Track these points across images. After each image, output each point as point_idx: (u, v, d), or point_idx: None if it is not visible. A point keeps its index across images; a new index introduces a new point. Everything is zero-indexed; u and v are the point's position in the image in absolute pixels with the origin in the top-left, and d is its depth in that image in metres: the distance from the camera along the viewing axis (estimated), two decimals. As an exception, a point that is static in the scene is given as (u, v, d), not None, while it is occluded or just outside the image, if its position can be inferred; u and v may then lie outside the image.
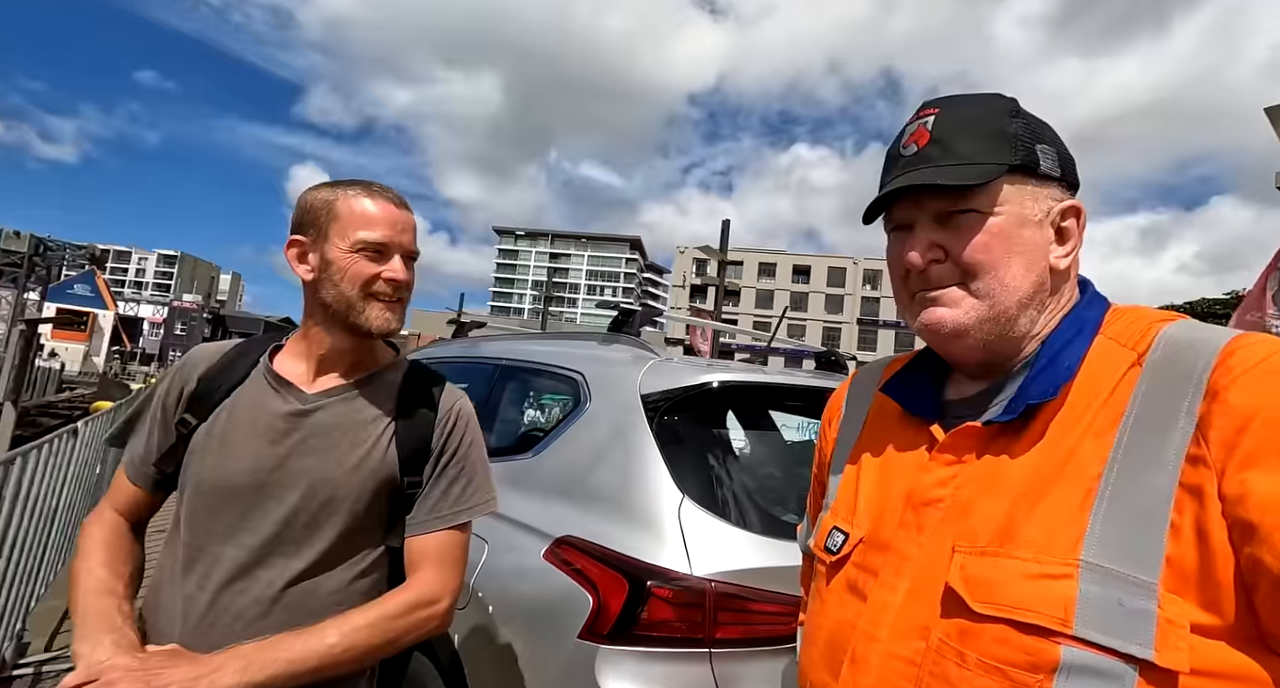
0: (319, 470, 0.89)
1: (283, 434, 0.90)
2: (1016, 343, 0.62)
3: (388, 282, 0.90)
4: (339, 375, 0.96)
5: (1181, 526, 0.47)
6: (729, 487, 1.37)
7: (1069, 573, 0.49)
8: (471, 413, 1.03)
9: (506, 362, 2.11)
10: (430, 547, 0.93)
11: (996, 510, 0.55)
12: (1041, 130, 0.62)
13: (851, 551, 0.66)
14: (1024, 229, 0.60)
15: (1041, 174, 0.61)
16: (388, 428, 0.95)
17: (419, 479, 0.95)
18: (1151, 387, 0.52)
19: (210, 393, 0.94)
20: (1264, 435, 0.45)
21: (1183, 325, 0.56)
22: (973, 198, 0.60)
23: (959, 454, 0.61)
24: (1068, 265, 0.62)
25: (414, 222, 0.95)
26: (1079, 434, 0.54)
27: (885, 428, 0.71)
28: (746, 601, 1.20)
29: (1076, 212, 0.62)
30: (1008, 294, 0.59)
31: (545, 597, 1.32)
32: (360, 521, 0.91)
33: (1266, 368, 0.48)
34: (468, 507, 0.97)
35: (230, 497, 0.88)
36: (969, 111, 0.62)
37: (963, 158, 0.60)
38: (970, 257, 0.60)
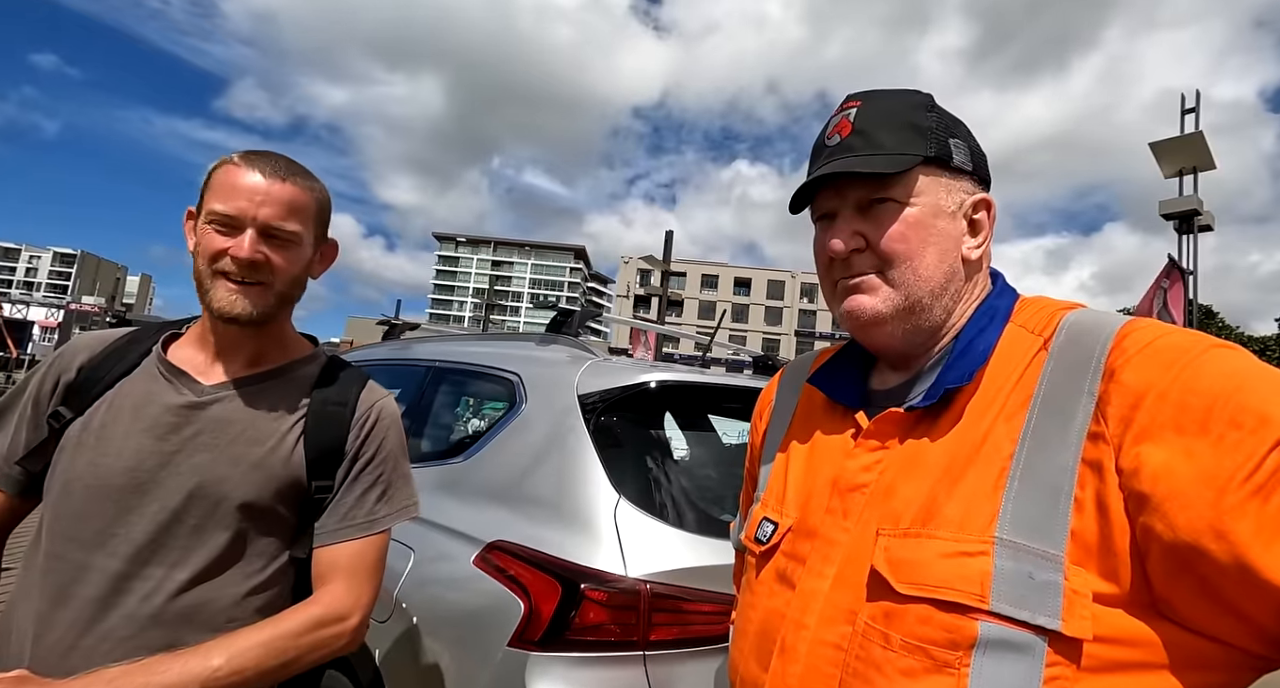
0: (211, 469, 0.80)
1: (171, 429, 0.81)
2: (933, 331, 0.64)
3: (233, 258, 0.79)
4: (243, 367, 0.88)
5: (1084, 500, 0.49)
6: (666, 487, 1.35)
7: (985, 550, 0.50)
8: (394, 413, 0.96)
9: (440, 363, 2.03)
10: (341, 557, 0.85)
11: (918, 492, 0.56)
12: (955, 126, 0.65)
13: (780, 540, 0.66)
14: (938, 220, 0.62)
15: (954, 167, 0.63)
16: (296, 426, 0.87)
17: (330, 484, 0.87)
18: (1056, 369, 0.55)
19: (91, 384, 0.83)
20: (1155, 411, 0.48)
21: (1083, 312, 0.59)
22: (891, 187, 0.62)
23: (883, 440, 0.62)
24: (979, 256, 0.65)
25: (290, 196, 0.82)
26: (993, 417, 0.56)
27: (813, 418, 0.72)
28: (681, 601, 1.18)
29: (987, 205, 0.65)
30: (921, 283, 0.62)
31: (474, 605, 1.26)
32: (258, 527, 0.83)
33: (1155, 348, 0.51)
34: (384, 515, 0.90)
35: (104, 498, 0.78)
36: (889, 104, 0.64)
37: (882, 148, 0.62)
38: (888, 245, 0.61)
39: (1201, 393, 0.47)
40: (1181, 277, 9.48)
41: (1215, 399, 0.46)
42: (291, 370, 0.91)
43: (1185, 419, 0.46)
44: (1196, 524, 0.44)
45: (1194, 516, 0.44)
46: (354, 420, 0.90)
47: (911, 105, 0.64)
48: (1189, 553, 0.44)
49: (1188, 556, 0.44)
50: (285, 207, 0.82)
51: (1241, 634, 0.45)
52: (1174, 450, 0.46)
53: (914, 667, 0.50)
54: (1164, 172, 10.25)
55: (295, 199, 0.83)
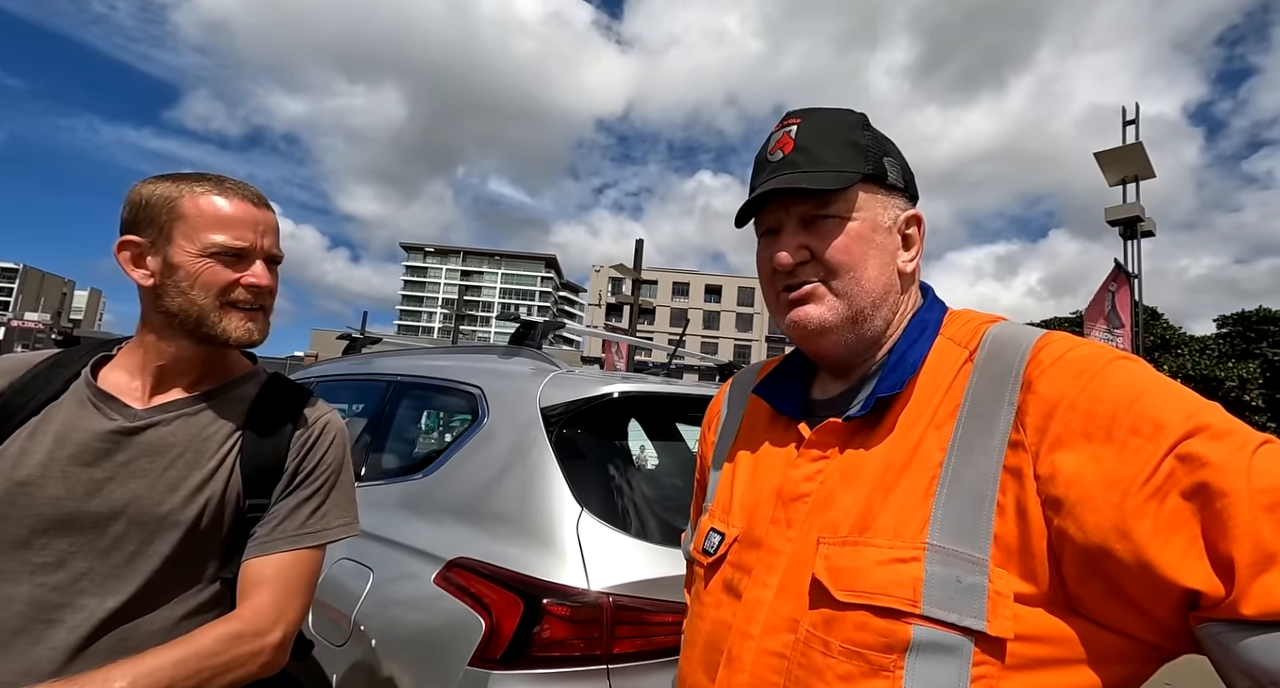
0: (149, 496, 0.78)
1: (101, 455, 0.78)
2: (874, 341, 0.67)
3: (248, 288, 0.81)
4: (181, 388, 0.85)
5: (1006, 505, 0.51)
6: (629, 497, 1.36)
7: (917, 556, 0.52)
8: (340, 429, 0.93)
9: (402, 378, 2.00)
10: (268, 569, 0.81)
11: (855, 501, 0.58)
12: (887, 144, 0.68)
13: (727, 550, 0.67)
14: (876, 234, 0.65)
15: (889, 184, 0.66)
16: (235, 446, 0.84)
17: (265, 502, 0.85)
18: (980, 381, 0.58)
19: (13, 410, 0.79)
20: (1067, 420, 0.51)
21: (1005, 326, 0.63)
22: (834, 203, 0.64)
23: (824, 449, 0.64)
24: (912, 269, 0.68)
25: (275, 222, 0.86)
26: (923, 427, 0.58)
27: (758, 428, 0.74)
28: (644, 612, 1.18)
29: (918, 220, 0.68)
30: (864, 293, 0.64)
31: (435, 625, 1.24)
32: (195, 551, 0.80)
33: (1067, 360, 0.54)
34: (318, 530, 0.86)
35: (27, 528, 0.74)
36: (828, 122, 0.67)
37: (824, 165, 0.64)
38: (833, 257, 0.64)
39: (1106, 402, 0.50)
40: (1128, 280, 9.94)
41: (1118, 408, 0.49)
42: (230, 390, 0.89)
43: (1092, 427, 0.49)
44: (1103, 525, 0.46)
45: (1101, 518, 0.47)
46: (295, 437, 0.88)
47: (849, 124, 0.67)
48: (1097, 553, 0.47)
49: (1096, 555, 0.47)
50: (276, 232, 0.86)
51: (1145, 628, 0.48)
52: (1084, 457, 0.49)
53: (852, 672, 0.51)
54: (1108, 180, 10.76)
55: (275, 224, 0.87)
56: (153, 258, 0.81)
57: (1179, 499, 0.45)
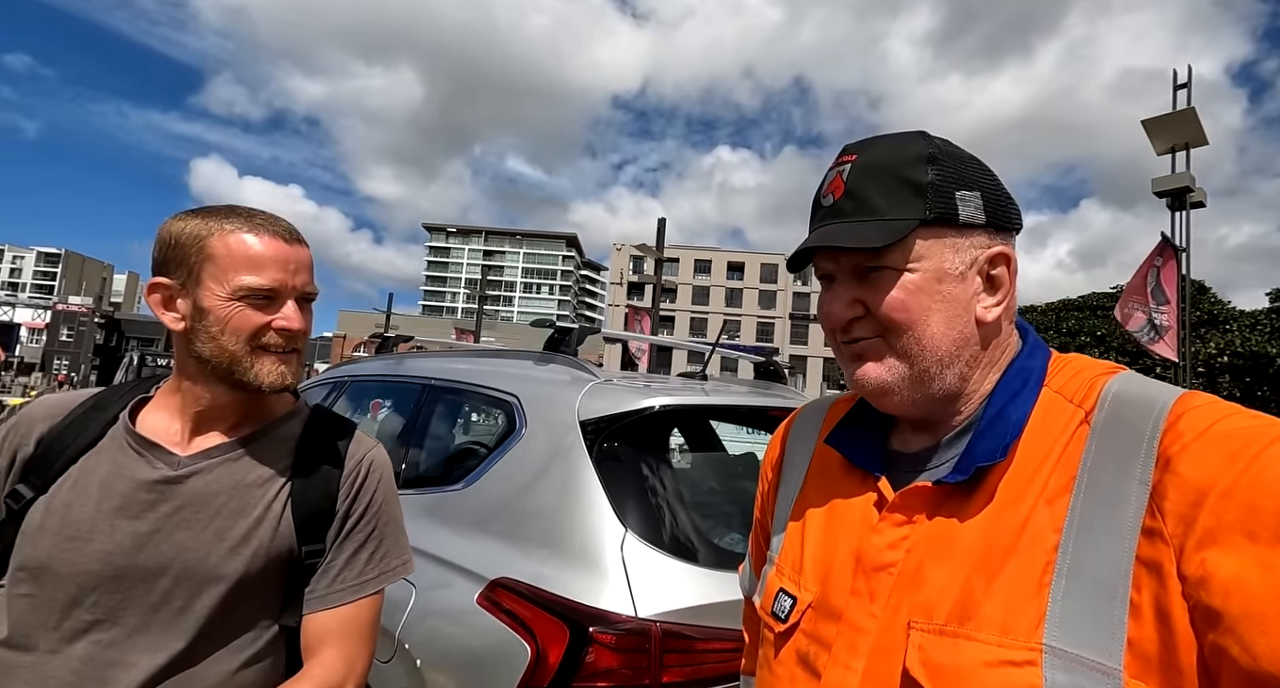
0: (195, 548, 0.75)
1: (147, 507, 0.76)
2: (950, 400, 0.60)
3: (280, 332, 0.77)
4: (222, 433, 0.82)
5: (1141, 605, 0.45)
6: (673, 518, 1.32)
7: (1033, 659, 0.46)
8: (385, 464, 0.91)
9: (435, 381, 1.98)
10: (333, 623, 0.80)
11: (952, 582, 0.52)
12: (964, 172, 0.58)
13: (800, 618, 0.62)
14: (943, 284, 0.57)
15: (962, 223, 0.57)
16: (282, 490, 0.82)
17: (320, 547, 0.82)
18: (1101, 450, 0.50)
19: (52, 458, 0.77)
20: (1220, 512, 0.43)
21: (1127, 380, 0.54)
22: (886, 255, 0.57)
23: (909, 515, 0.58)
24: (998, 315, 0.58)
25: (309, 257, 0.82)
26: (1032, 500, 0.52)
27: (829, 478, 0.68)
28: (693, 640, 1.15)
29: (1006, 258, 0.58)
30: (927, 353, 0.57)
31: (479, 646, 1.23)
32: (248, 601, 0.78)
33: (1216, 434, 0.46)
34: (376, 575, 0.85)
35: (77, 585, 0.73)
36: (884, 157, 0.59)
37: (873, 212, 0.57)
38: (888, 314, 0.57)
39: (1275, 493, 0.42)
40: (1175, 254, 9.49)
41: None
42: (273, 430, 0.86)
43: (1257, 524, 0.42)
44: (1277, 651, 0.40)
45: (1274, 641, 0.40)
46: (343, 477, 0.85)
47: (908, 159, 0.57)
48: (1269, 681, 0.40)
49: (1267, 684, 0.40)
50: (309, 269, 0.82)
51: None
52: (1247, 561, 0.41)
53: None
54: (1156, 148, 10.18)
55: (308, 260, 0.82)
56: (183, 301, 0.78)
57: None
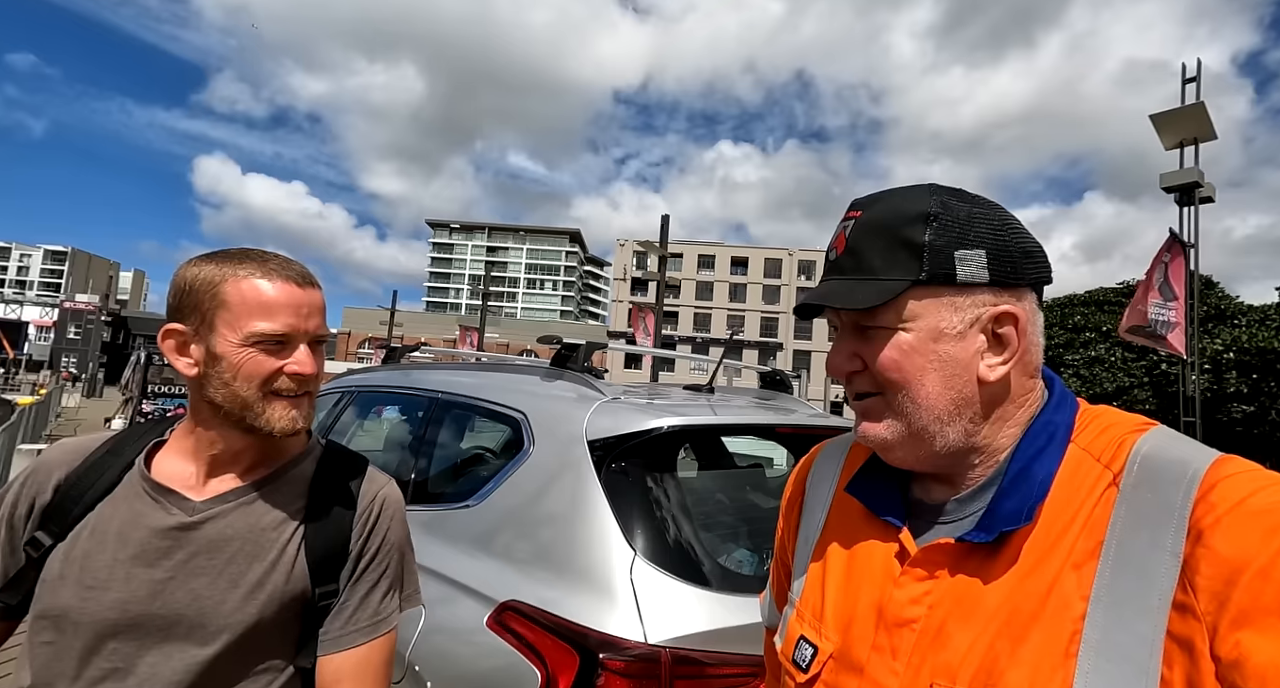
0: (210, 595, 0.75)
1: (163, 554, 0.76)
2: (959, 455, 0.59)
3: (292, 377, 0.78)
4: (236, 476, 0.82)
5: (1172, 681, 0.44)
6: (682, 541, 1.32)
7: None
8: (398, 502, 0.91)
9: (442, 395, 1.98)
10: (349, 665, 0.80)
11: (976, 645, 0.52)
12: (968, 229, 0.56)
13: (821, 669, 0.62)
14: (939, 343, 0.56)
15: (962, 283, 0.56)
16: (296, 532, 0.81)
17: (334, 587, 0.82)
18: (1130, 516, 0.49)
19: (69, 505, 0.77)
20: (1257, 592, 0.42)
21: (1156, 441, 0.53)
22: (880, 314, 0.57)
23: (931, 571, 0.57)
24: (1002, 374, 0.57)
25: (321, 300, 0.82)
26: (1058, 564, 0.51)
27: (850, 524, 0.67)
28: (703, 665, 1.15)
29: (1013, 318, 0.56)
30: (923, 412, 0.57)
31: (489, 669, 1.23)
32: (263, 645, 0.78)
33: (1253, 510, 0.44)
34: (389, 614, 0.85)
35: (95, 634, 0.73)
36: (884, 216, 0.58)
37: (869, 272, 0.58)
38: (881, 373, 0.58)
39: None
40: (1182, 249, 9.40)
41: None
42: (287, 472, 0.86)
43: None
44: None
45: None
46: (356, 517, 0.86)
47: (908, 217, 0.57)
48: None
49: None
50: (321, 312, 0.82)
51: None
52: None
53: None
54: (1164, 143, 10.08)
55: (320, 303, 0.82)
56: (196, 347, 0.78)
57: None
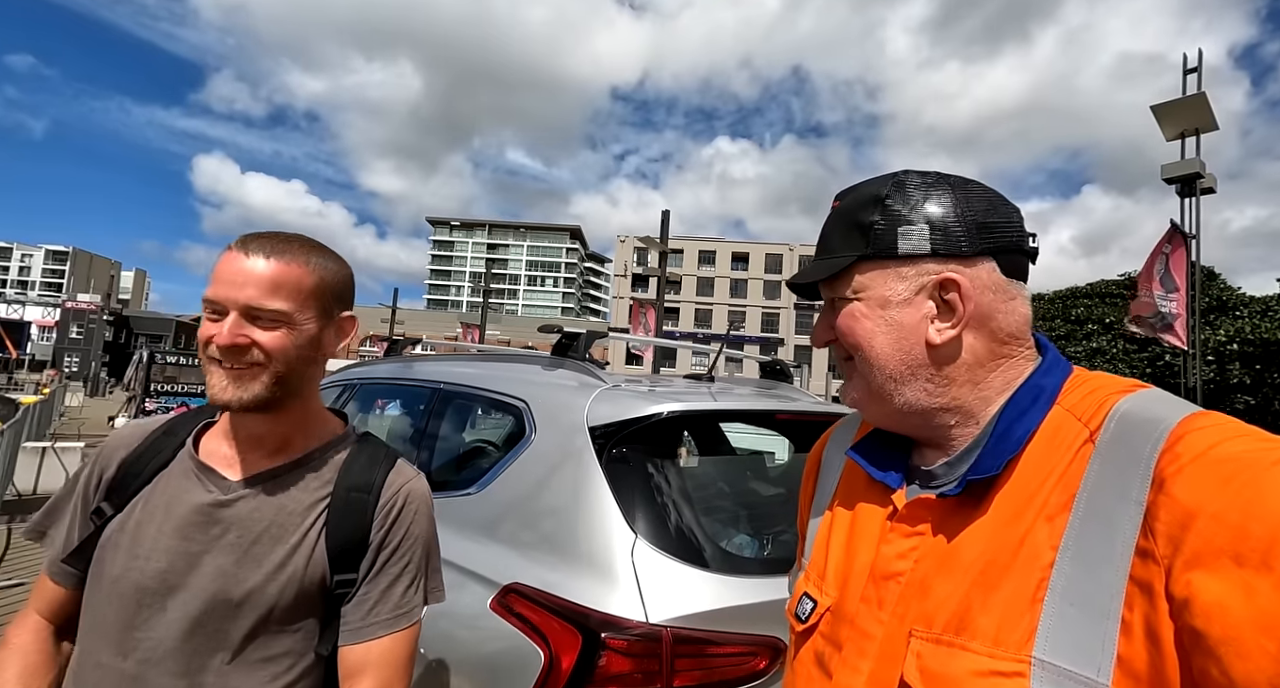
0: (235, 573, 0.78)
1: (199, 529, 0.79)
2: (926, 416, 0.63)
3: (217, 346, 0.77)
4: (267, 457, 0.84)
5: (1133, 623, 0.45)
6: (682, 523, 1.33)
7: (1020, 671, 0.47)
8: (423, 496, 0.90)
9: (445, 386, 2.00)
10: (370, 657, 0.81)
11: (953, 593, 0.54)
12: (915, 206, 0.62)
13: (819, 620, 0.66)
14: (887, 310, 0.63)
15: (903, 255, 0.61)
16: (319, 518, 0.82)
17: (353, 577, 0.83)
18: (1102, 470, 0.51)
19: (130, 480, 0.83)
20: (1209, 535, 0.43)
21: (1137, 400, 0.54)
22: (837, 287, 0.66)
23: (915, 525, 0.60)
24: (949, 338, 0.60)
25: (275, 274, 0.78)
26: (1032, 516, 0.53)
27: (855, 490, 0.70)
28: (705, 644, 1.17)
29: (955, 284, 0.60)
30: (876, 372, 0.63)
31: (493, 651, 1.25)
32: (283, 628, 0.80)
33: (1213, 459, 0.46)
34: (411, 608, 0.85)
35: (136, 601, 0.76)
36: (849, 203, 0.67)
37: (830, 252, 0.66)
38: (841, 339, 0.66)
39: (1266, 518, 0.42)
40: (1184, 241, 9.38)
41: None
42: (317, 457, 0.87)
43: (1245, 549, 0.42)
44: (1255, 678, 0.40)
45: (1253, 668, 0.40)
46: (378, 508, 0.86)
47: (864, 201, 0.65)
48: None
49: None
50: (268, 285, 0.78)
51: None
52: (1231, 585, 0.42)
53: None
54: (1165, 134, 10.05)
55: (281, 276, 0.79)
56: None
57: None
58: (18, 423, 6.79)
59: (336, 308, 0.86)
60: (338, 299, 0.86)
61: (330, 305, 0.85)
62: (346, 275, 0.88)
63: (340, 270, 0.86)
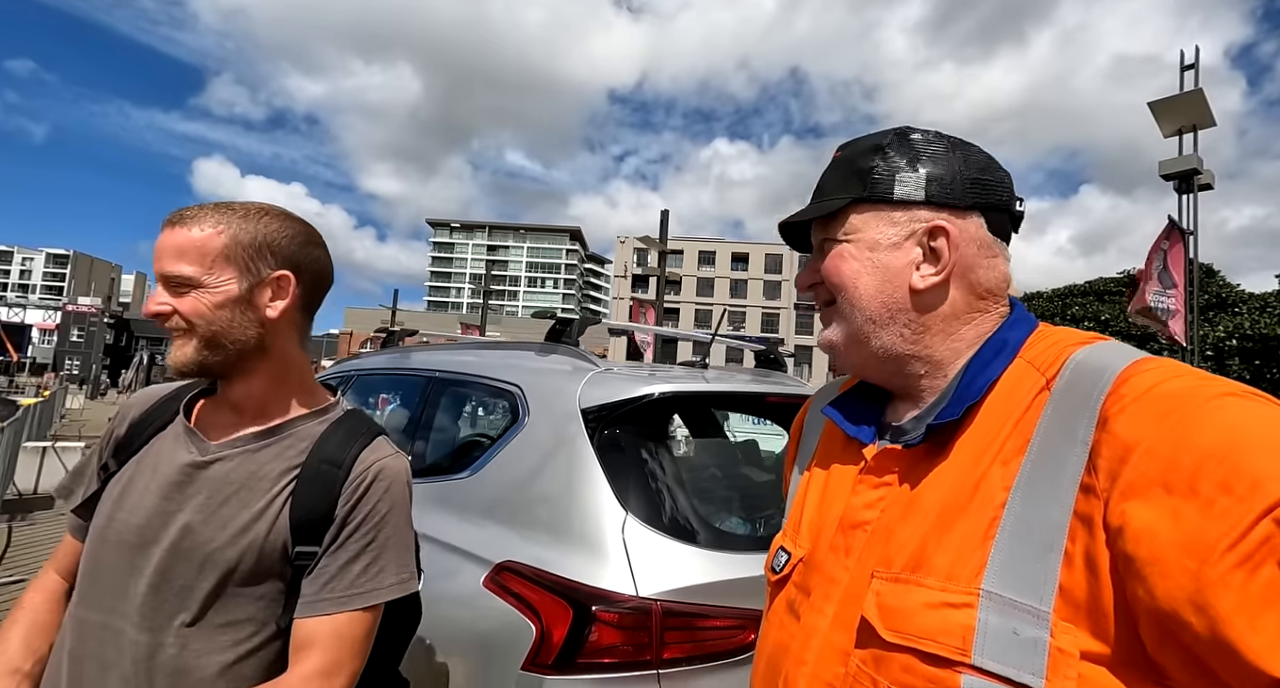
0: (198, 531, 0.79)
1: (177, 488, 0.81)
2: (901, 362, 0.64)
3: (145, 315, 0.81)
4: (250, 424, 0.86)
5: (1074, 554, 0.47)
6: (673, 502, 1.35)
7: (969, 602, 0.49)
8: (397, 475, 0.87)
9: (440, 374, 2.01)
10: (319, 633, 0.77)
11: (913, 536, 0.56)
12: (913, 157, 0.63)
13: (792, 571, 0.67)
14: (875, 252, 0.64)
15: (898, 201, 0.63)
16: (287, 487, 0.82)
17: (314, 550, 0.81)
18: (1054, 414, 0.53)
19: (132, 439, 0.87)
20: (1143, 467, 0.45)
21: (1094, 349, 0.56)
22: (828, 228, 0.67)
23: (882, 476, 0.62)
24: (932, 284, 0.62)
25: (179, 241, 0.78)
26: (989, 461, 0.54)
27: (832, 448, 0.72)
28: (694, 617, 1.19)
29: (944, 231, 0.62)
30: (858, 313, 0.65)
31: (486, 627, 1.27)
32: (246, 593, 0.79)
33: (1153, 397, 0.47)
34: (368, 589, 0.80)
35: (117, 555, 0.79)
36: (848, 153, 0.68)
37: (825, 196, 0.68)
38: (826, 278, 0.67)
39: (1194, 449, 0.43)
40: (1181, 237, 9.39)
41: (1208, 457, 0.43)
42: (295, 426, 0.87)
43: (1174, 478, 0.43)
44: (1176, 594, 0.42)
45: (1173, 584, 0.42)
46: (346, 482, 0.83)
47: (863, 150, 0.66)
48: (1171, 622, 0.43)
49: (1169, 625, 0.43)
50: (174, 252, 0.79)
51: None
52: (1160, 511, 0.43)
53: None
54: (1163, 130, 10.06)
55: (184, 243, 0.79)
56: None
57: (1276, 571, 0.39)
58: (18, 422, 6.81)
59: (262, 265, 0.82)
60: (259, 256, 0.82)
61: (252, 263, 0.81)
62: (267, 232, 0.82)
63: (258, 228, 0.82)
